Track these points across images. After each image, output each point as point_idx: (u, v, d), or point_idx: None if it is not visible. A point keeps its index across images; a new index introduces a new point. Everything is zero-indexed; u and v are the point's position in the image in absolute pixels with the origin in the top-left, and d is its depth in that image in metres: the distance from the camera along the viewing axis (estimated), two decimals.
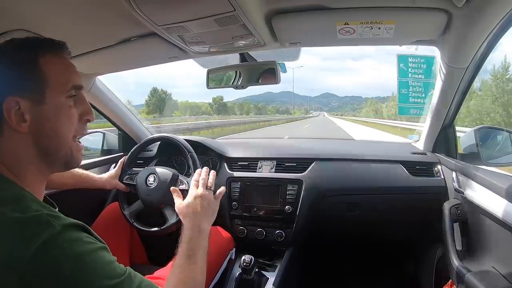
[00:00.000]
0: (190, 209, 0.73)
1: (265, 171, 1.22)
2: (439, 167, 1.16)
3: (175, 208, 0.77)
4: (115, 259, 0.44)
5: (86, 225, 0.44)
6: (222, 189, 0.81)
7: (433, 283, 1.16)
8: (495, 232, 0.78)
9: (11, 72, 0.46)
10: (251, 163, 1.26)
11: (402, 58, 6.23)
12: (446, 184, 1.11)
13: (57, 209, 0.49)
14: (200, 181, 0.78)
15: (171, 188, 0.84)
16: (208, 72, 1.07)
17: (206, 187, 0.78)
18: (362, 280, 1.47)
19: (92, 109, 0.55)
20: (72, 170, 1.03)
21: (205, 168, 0.83)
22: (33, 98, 0.46)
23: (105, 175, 1.13)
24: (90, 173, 1.10)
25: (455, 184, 1.01)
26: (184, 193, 1.06)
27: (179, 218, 1.03)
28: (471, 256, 0.89)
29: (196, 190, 0.76)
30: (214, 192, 0.79)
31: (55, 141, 0.48)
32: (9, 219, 0.40)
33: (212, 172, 0.82)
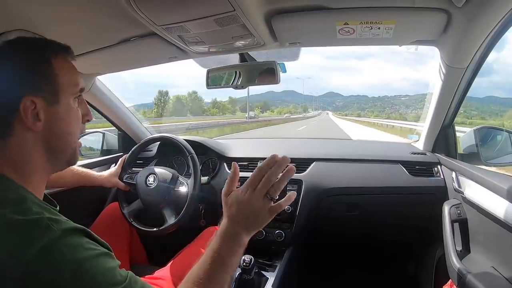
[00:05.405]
0: (240, 211, 0.51)
1: None
2: (438, 167, 1.16)
3: (221, 193, 0.54)
4: (116, 265, 0.43)
5: (88, 230, 0.43)
6: (285, 203, 0.52)
7: (433, 283, 1.16)
8: (495, 232, 0.78)
9: (26, 72, 0.46)
10: (251, 163, 1.26)
11: None
12: (445, 184, 1.11)
13: (58, 208, 0.49)
14: (262, 182, 0.51)
15: (233, 162, 0.57)
16: (208, 72, 1.07)
17: (268, 194, 0.51)
18: (362, 280, 1.47)
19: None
20: (72, 169, 1.04)
21: (278, 166, 0.51)
22: (47, 98, 0.47)
23: (105, 173, 1.13)
24: (90, 171, 1.10)
25: (455, 184, 1.01)
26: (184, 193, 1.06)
27: (177, 220, 1.03)
28: (471, 256, 0.89)
29: (252, 191, 0.51)
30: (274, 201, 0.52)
31: (65, 140, 0.50)
32: (9, 221, 0.39)
33: (288, 177, 0.53)
